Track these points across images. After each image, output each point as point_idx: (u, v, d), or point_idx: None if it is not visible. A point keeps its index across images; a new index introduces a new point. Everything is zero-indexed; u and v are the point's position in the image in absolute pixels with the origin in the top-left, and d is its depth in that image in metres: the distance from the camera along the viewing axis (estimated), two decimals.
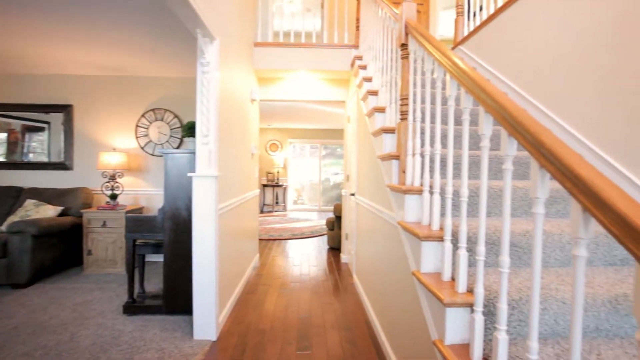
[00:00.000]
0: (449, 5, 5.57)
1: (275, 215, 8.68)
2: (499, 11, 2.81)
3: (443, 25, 5.65)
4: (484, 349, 1.16)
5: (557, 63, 2.22)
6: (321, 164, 9.87)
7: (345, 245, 4.37)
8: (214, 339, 2.35)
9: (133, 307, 2.68)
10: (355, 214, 3.59)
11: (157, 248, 2.75)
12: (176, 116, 4.27)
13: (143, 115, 4.24)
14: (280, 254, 4.84)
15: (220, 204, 2.49)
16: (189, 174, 2.32)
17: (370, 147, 2.70)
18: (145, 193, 4.26)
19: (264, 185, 9.27)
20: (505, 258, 1.00)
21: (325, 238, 5.94)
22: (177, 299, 2.65)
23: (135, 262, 2.75)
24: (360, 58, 3.46)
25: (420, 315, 1.52)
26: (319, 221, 7.75)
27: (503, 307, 1.01)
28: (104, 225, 3.67)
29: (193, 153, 2.55)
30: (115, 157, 3.87)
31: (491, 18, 2.92)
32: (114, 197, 3.81)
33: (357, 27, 3.82)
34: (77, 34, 2.94)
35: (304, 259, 4.56)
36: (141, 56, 3.53)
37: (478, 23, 3.14)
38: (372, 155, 2.62)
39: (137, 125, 4.24)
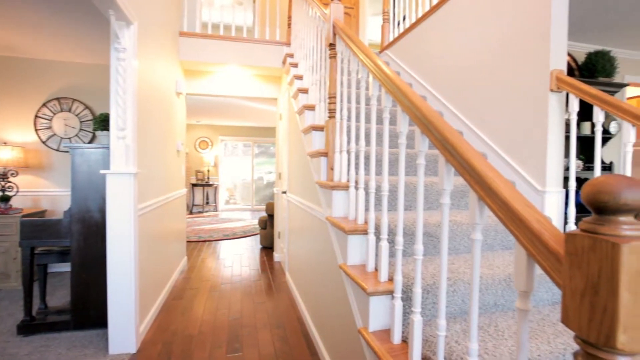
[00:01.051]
0: (378, 12, 5.88)
1: (205, 216, 8.27)
2: (419, 20, 3.04)
3: (372, 30, 5.94)
4: (403, 332, 1.25)
5: (466, 70, 2.48)
6: (254, 162, 9.67)
7: (278, 244, 4.35)
8: (134, 351, 2.15)
9: (31, 326, 2.32)
10: (287, 212, 3.59)
11: (63, 256, 2.42)
12: (87, 107, 3.80)
13: (45, 105, 3.69)
14: (211, 255, 4.63)
15: (141, 204, 2.29)
16: (102, 171, 2.09)
17: (300, 145, 2.72)
18: (48, 194, 3.71)
19: (193, 185, 8.77)
20: (418, 246, 1.09)
21: (258, 238, 5.84)
22: (88, 311, 2.36)
23: (34, 273, 2.38)
24: (292, 56, 3.46)
25: (348, 306, 1.58)
26: (252, 221, 7.59)
27: (417, 292, 1.10)
28: None
29: (107, 148, 2.29)
30: (7, 153, 3.31)
31: (413, 26, 3.15)
32: (4, 199, 3.25)
33: (289, 25, 3.81)
34: None
35: (236, 260, 4.42)
36: (39, 35, 3.06)
37: (402, 30, 3.37)
38: (302, 153, 2.65)
39: (36, 116, 3.67)
